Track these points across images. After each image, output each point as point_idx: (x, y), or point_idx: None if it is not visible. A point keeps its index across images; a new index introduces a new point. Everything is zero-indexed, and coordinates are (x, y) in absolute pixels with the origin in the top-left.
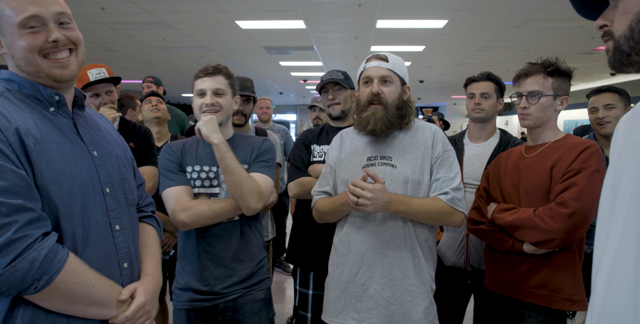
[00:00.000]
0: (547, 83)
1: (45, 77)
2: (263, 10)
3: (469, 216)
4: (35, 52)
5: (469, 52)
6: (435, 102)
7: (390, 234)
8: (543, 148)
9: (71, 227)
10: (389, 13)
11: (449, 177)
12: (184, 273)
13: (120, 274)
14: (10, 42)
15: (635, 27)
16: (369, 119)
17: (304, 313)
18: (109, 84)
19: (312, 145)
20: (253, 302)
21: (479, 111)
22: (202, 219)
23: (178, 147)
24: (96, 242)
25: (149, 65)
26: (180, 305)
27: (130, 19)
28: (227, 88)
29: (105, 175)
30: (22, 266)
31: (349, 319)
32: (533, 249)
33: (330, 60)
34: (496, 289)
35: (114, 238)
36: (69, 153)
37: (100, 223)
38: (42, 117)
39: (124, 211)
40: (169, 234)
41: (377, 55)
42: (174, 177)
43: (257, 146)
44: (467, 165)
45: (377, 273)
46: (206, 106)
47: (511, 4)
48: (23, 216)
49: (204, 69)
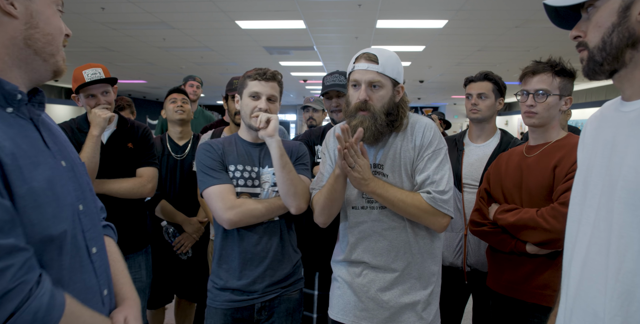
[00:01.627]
0: (554, 82)
1: (52, 64)
2: (263, 10)
3: (471, 218)
4: (62, 37)
5: (469, 52)
6: (435, 102)
7: (390, 243)
8: (545, 148)
9: (57, 258)
10: (389, 13)
11: (435, 179)
12: (222, 272)
13: (102, 303)
14: (40, 13)
15: (607, 40)
16: (357, 128)
17: (309, 314)
18: (105, 84)
19: (315, 146)
20: (289, 302)
21: (476, 111)
22: (249, 217)
23: (219, 146)
24: (80, 271)
25: (149, 65)
26: (217, 304)
27: (130, 19)
28: (278, 95)
29: (76, 189)
30: (25, 319)
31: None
32: (536, 250)
33: (330, 60)
34: (500, 289)
35: (93, 263)
36: (43, 168)
37: (81, 249)
38: (3, 121)
39: (97, 230)
40: (187, 235)
41: (367, 56)
42: (217, 176)
43: (296, 150)
44: (467, 165)
45: (379, 276)
46: (259, 110)
47: (511, 4)
48: (17, 259)
49: (262, 72)
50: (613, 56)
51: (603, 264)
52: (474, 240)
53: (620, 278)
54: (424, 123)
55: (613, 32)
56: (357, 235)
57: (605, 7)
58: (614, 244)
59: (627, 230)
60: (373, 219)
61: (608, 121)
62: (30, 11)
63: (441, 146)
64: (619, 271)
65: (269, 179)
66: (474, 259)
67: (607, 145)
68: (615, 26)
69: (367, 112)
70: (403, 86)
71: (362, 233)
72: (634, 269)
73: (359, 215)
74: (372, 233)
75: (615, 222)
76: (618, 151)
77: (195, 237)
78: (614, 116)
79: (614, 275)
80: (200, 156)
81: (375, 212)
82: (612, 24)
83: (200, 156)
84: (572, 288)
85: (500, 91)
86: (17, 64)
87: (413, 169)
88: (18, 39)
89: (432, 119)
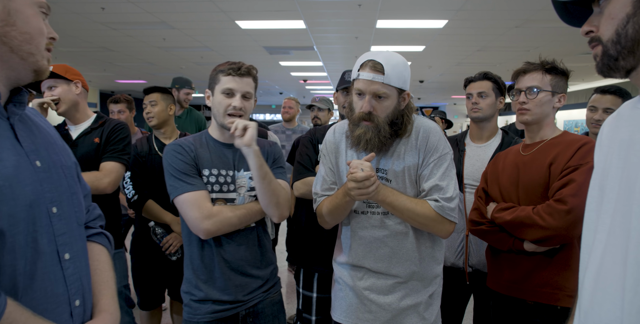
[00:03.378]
0: (545, 79)
1: (31, 63)
2: (263, 10)
3: (470, 217)
4: (43, 37)
5: (469, 52)
6: (435, 102)
7: (391, 249)
8: (541, 145)
9: (11, 262)
10: (389, 13)
11: (441, 186)
12: (200, 283)
13: (70, 314)
14: (18, 12)
15: (622, 32)
16: (360, 139)
17: (308, 316)
18: (52, 79)
19: (319, 144)
20: (272, 305)
21: (477, 110)
22: (227, 226)
23: (191, 147)
24: (42, 278)
25: (149, 65)
26: (198, 318)
27: (130, 19)
28: (253, 92)
29: (51, 191)
30: None
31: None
32: (534, 247)
33: (330, 60)
34: (500, 289)
35: (63, 271)
36: (7, 166)
37: (47, 253)
38: None
39: (74, 235)
40: (176, 235)
41: (373, 65)
42: (192, 181)
43: (272, 152)
44: (468, 166)
45: (381, 280)
46: (234, 108)
47: (511, 4)
48: None
49: (236, 67)
50: (629, 49)
51: (619, 275)
52: (475, 241)
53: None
54: (429, 128)
55: (628, 24)
56: (359, 240)
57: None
58: (633, 253)
59: None
60: (374, 225)
61: (625, 120)
62: (8, 9)
63: (446, 151)
64: (638, 282)
65: (244, 183)
66: (476, 260)
67: (623, 145)
68: (630, 17)
69: (371, 122)
70: (409, 92)
71: (364, 239)
72: None
73: (360, 220)
74: (373, 240)
75: (633, 228)
76: (636, 150)
77: None
78: (631, 114)
79: (633, 287)
80: (171, 158)
81: (377, 218)
82: (626, 14)
83: (170, 158)
84: (585, 301)
85: (500, 90)
86: None
87: (417, 174)
88: None
89: (435, 121)
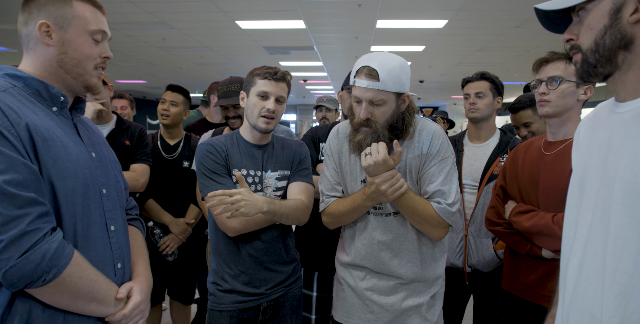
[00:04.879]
0: (569, 69)
1: (81, 81)
2: (263, 10)
3: (487, 216)
4: (92, 60)
5: (469, 52)
6: (435, 102)
7: (393, 251)
8: (564, 146)
9: (73, 224)
10: (389, 13)
11: (443, 191)
12: (227, 276)
13: (114, 273)
14: (71, 42)
15: (600, 42)
16: (361, 144)
17: (308, 315)
18: None
19: (320, 143)
20: (292, 299)
21: (474, 110)
22: (253, 225)
23: (222, 147)
24: (95, 241)
25: (149, 65)
26: (222, 307)
27: (130, 19)
28: (286, 96)
29: (102, 176)
30: (35, 257)
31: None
32: (552, 255)
33: (330, 60)
34: (514, 291)
35: (110, 238)
36: (72, 152)
37: (98, 223)
38: (46, 115)
39: (117, 213)
40: (174, 237)
41: (368, 71)
42: (222, 181)
43: (298, 152)
44: (466, 166)
45: (383, 281)
46: (267, 110)
47: (511, 4)
48: (35, 209)
49: (272, 72)
50: (606, 58)
51: (600, 266)
52: (474, 241)
53: (617, 279)
54: (432, 130)
55: (605, 34)
56: (361, 241)
57: (596, 9)
58: (611, 246)
59: (624, 231)
60: (377, 226)
61: (602, 122)
62: (63, 40)
63: (448, 154)
64: (616, 272)
65: (271, 183)
66: (475, 260)
67: (603, 146)
68: (607, 28)
69: (370, 128)
70: (409, 94)
71: (366, 240)
72: (631, 270)
73: (363, 221)
74: (376, 241)
75: (612, 223)
76: (614, 152)
77: (181, 239)
78: (608, 117)
79: (611, 276)
80: (203, 158)
81: (380, 219)
82: (604, 26)
83: (202, 158)
84: (569, 289)
85: (498, 90)
86: (56, 79)
87: (419, 176)
88: (53, 61)
89: (436, 121)
